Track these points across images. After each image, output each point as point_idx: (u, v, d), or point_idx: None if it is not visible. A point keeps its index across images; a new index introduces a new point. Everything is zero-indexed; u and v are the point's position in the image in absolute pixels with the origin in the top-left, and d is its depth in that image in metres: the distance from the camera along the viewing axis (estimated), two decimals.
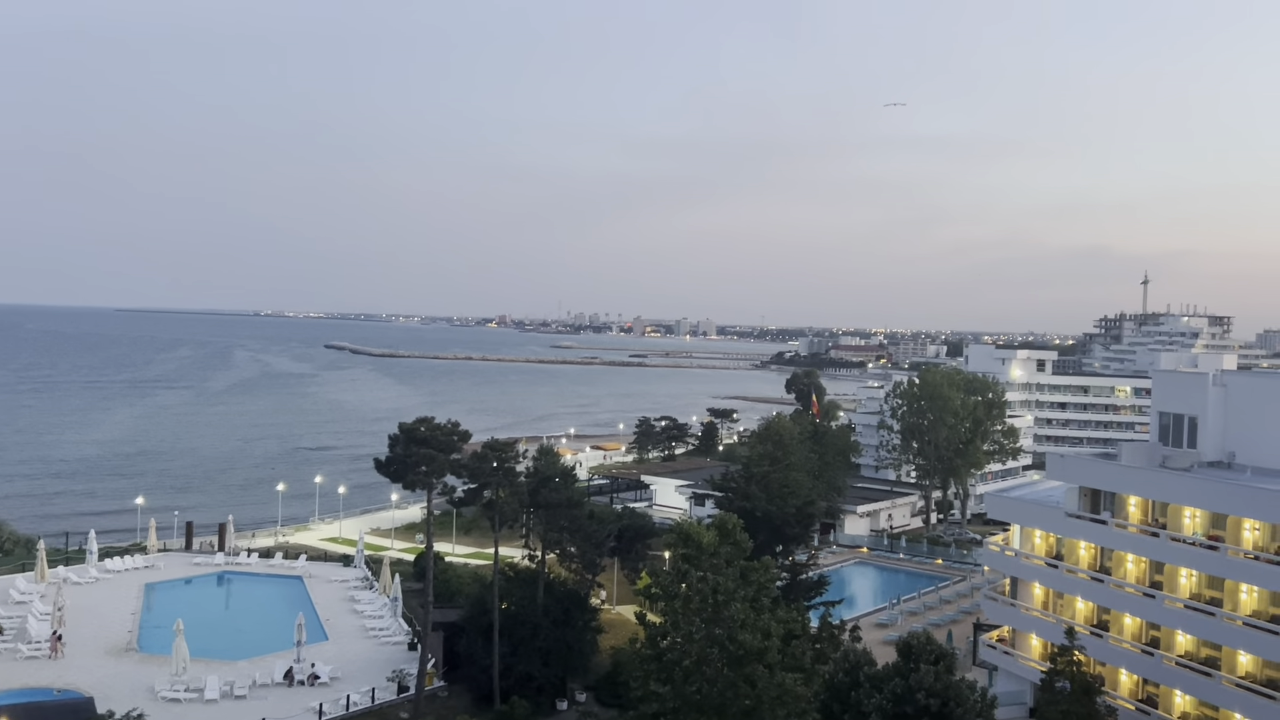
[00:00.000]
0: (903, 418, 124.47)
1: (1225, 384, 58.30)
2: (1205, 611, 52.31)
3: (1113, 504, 57.92)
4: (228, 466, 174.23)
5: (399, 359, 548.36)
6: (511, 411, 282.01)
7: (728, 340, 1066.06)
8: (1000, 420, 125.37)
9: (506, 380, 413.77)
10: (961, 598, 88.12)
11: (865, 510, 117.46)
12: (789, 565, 71.21)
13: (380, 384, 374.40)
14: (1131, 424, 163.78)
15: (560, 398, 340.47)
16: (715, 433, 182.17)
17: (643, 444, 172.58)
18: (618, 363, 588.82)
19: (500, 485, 62.83)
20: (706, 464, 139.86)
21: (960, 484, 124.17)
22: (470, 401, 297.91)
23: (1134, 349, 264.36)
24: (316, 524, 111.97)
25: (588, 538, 69.39)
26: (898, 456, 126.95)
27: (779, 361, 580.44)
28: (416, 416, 61.24)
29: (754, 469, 79.85)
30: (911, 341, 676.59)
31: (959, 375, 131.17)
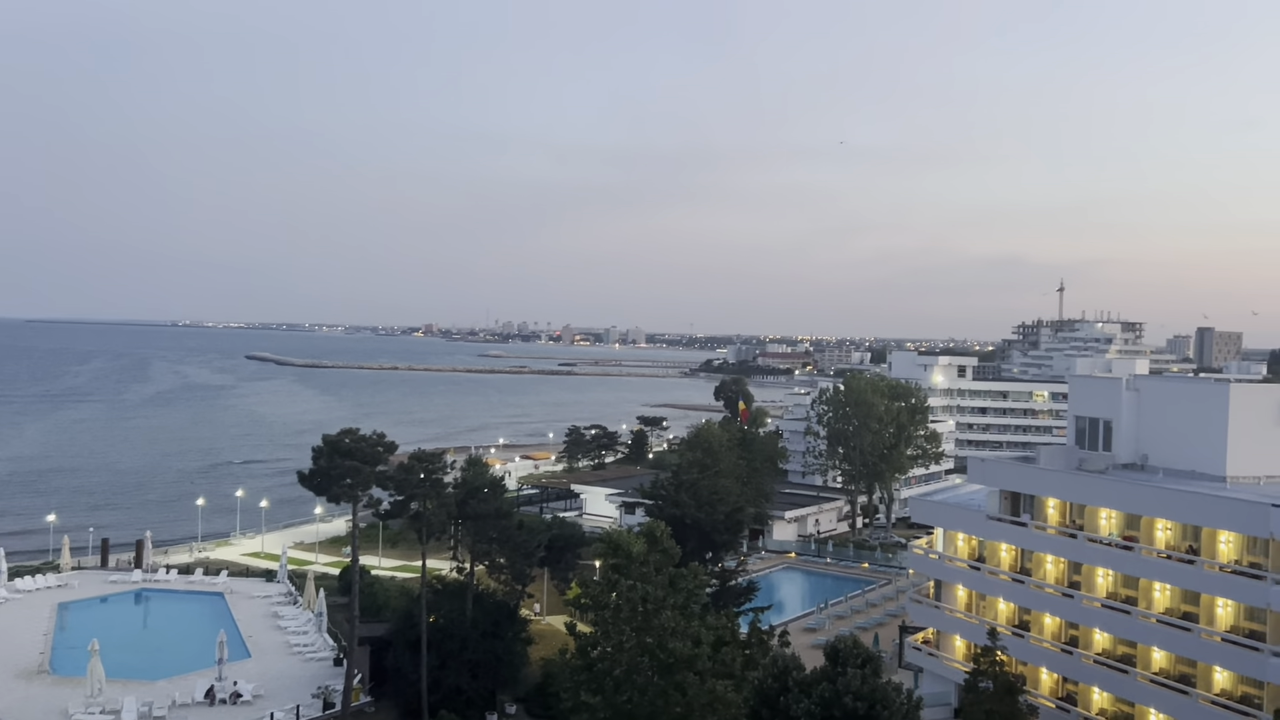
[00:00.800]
0: (829, 424, 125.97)
1: (1138, 389, 60.01)
2: (1121, 610, 53.76)
3: (1032, 506, 59.22)
4: (145, 481, 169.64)
5: (323, 369, 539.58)
6: (439, 422, 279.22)
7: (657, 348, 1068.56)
8: (923, 425, 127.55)
9: (434, 390, 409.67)
10: (888, 601, 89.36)
11: (793, 516, 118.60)
12: (718, 572, 71.57)
13: (304, 395, 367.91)
14: (1049, 428, 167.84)
15: (489, 407, 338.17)
16: (645, 441, 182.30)
17: (572, 453, 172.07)
18: (547, 371, 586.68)
19: (427, 497, 62.12)
20: (636, 472, 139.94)
21: (885, 489, 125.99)
22: (396, 412, 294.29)
23: (1051, 355, 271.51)
24: (238, 539, 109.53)
25: (517, 548, 69.01)
26: (824, 462, 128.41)
27: (707, 369, 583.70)
28: (341, 428, 60.34)
29: (683, 476, 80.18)
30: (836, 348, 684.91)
31: (883, 381, 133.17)
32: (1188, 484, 53.51)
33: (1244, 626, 48.74)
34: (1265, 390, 63.32)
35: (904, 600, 76.23)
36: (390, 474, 61.18)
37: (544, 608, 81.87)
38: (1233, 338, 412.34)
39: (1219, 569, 49.25)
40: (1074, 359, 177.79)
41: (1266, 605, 46.73)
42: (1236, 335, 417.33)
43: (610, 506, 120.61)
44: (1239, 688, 49.02)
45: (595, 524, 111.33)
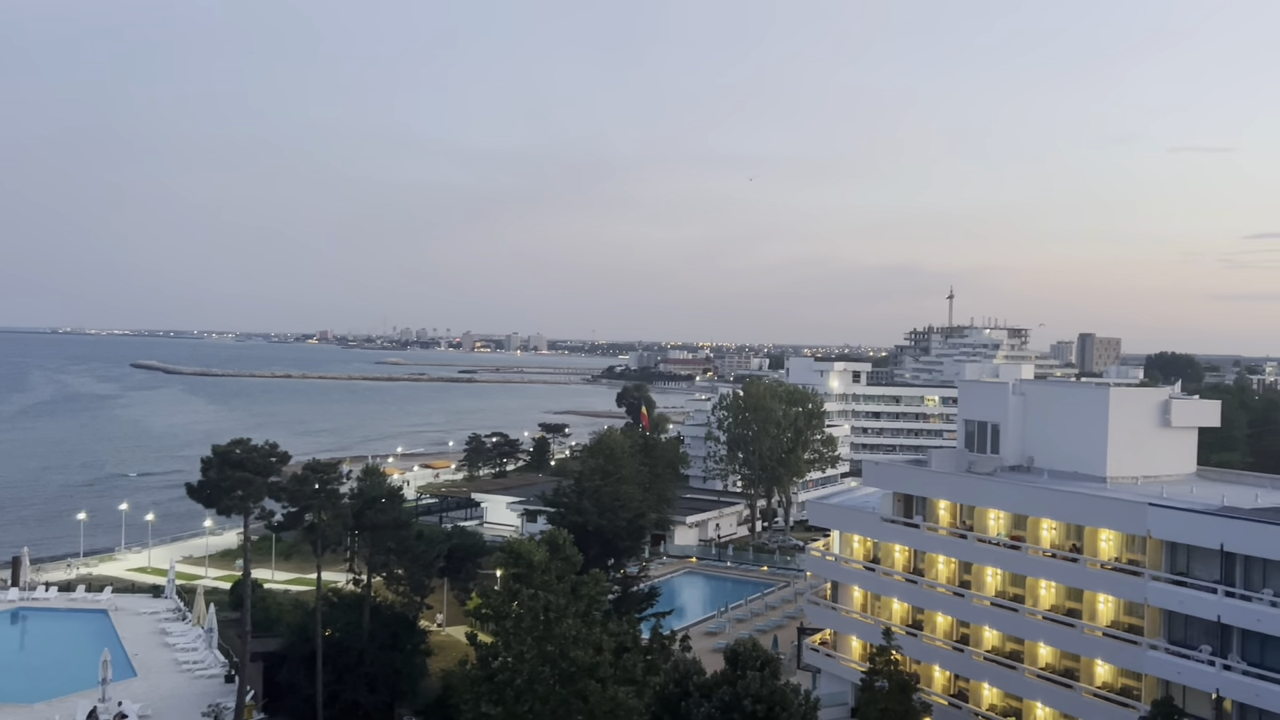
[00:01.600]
0: (729, 429, 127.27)
1: (1024, 393, 62.01)
2: (1009, 608, 55.44)
3: (924, 508, 60.67)
4: (22, 496, 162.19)
5: (213, 378, 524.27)
6: (335, 431, 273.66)
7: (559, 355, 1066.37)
8: (820, 430, 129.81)
9: (329, 399, 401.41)
10: (786, 603, 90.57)
11: (694, 521, 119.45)
12: (620, 578, 71.67)
13: (193, 405, 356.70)
14: (940, 431, 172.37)
15: (387, 416, 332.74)
16: (547, 448, 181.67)
17: (473, 461, 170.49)
18: (447, 379, 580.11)
19: (322, 508, 60.82)
20: (538, 480, 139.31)
21: (784, 492, 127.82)
22: (290, 422, 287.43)
23: (941, 360, 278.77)
24: (123, 554, 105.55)
25: (416, 559, 68.02)
26: (724, 467, 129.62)
27: (610, 376, 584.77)
28: (232, 438, 58.74)
29: (586, 483, 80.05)
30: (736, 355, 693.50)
31: (781, 387, 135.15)
32: (1071, 485, 55.45)
33: (1124, 621, 50.76)
34: (1143, 394, 66.28)
35: (802, 602, 77.29)
36: (284, 485, 59.76)
37: (445, 619, 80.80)
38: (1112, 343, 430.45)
39: (1100, 566, 51.20)
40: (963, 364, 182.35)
41: (1144, 600, 48.75)
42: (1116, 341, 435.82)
43: (512, 515, 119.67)
44: (1119, 680, 51.04)
45: (496, 533, 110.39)
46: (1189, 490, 53.94)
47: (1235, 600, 45.16)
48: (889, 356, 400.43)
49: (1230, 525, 45.68)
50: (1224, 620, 45.46)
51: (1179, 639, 47.84)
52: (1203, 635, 46.73)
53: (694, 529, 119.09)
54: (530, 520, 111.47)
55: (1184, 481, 57.04)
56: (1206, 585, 46.26)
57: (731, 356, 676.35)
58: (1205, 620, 46.35)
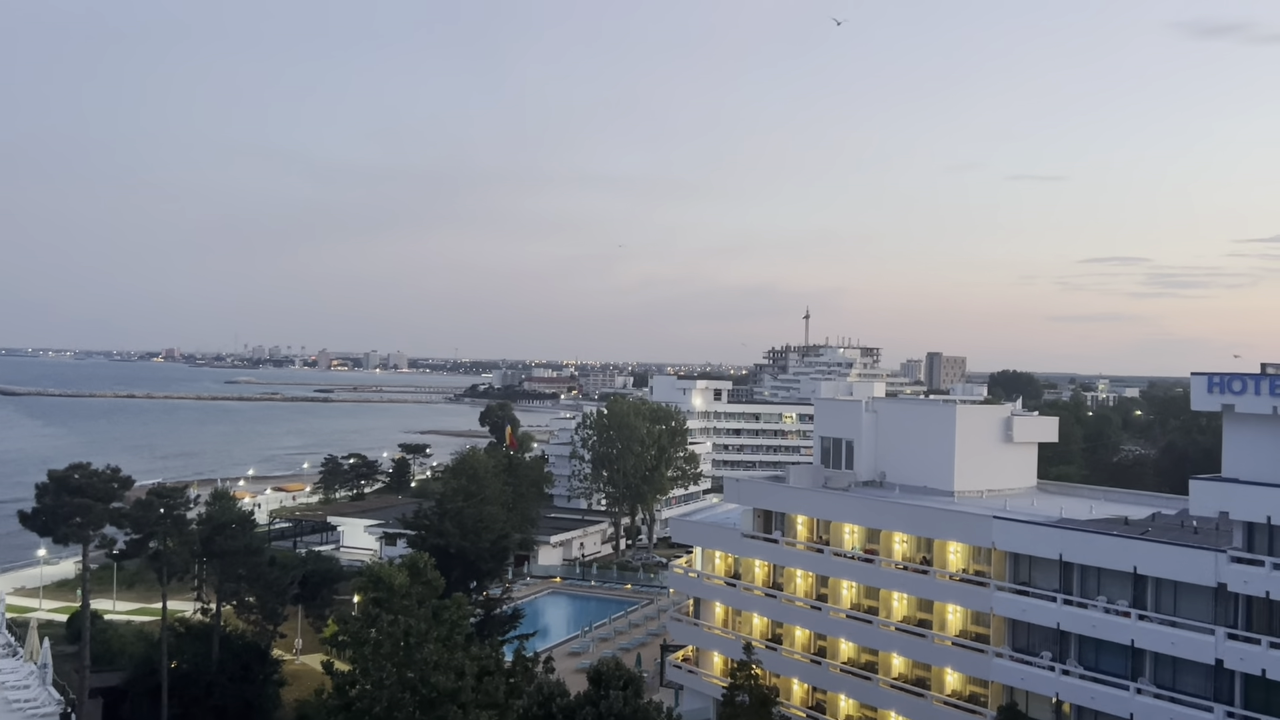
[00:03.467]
0: (593, 447, 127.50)
1: (876, 410, 64.18)
2: (864, 620, 57.17)
3: (783, 524, 62.05)
4: None
5: (48, 398, 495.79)
6: (181, 453, 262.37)
7: (420, 373, 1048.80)
8: (683, 447, 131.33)
9: (175, 420, 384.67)
10: (650, 620, 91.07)
11: (558, 540, 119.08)
12: (483, 601, 70.84)
13: (25, 427, 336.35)
14: (798, 448, 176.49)
15: (237, 437, 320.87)
16: (407, 469, 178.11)
17: (329, 483, 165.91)
18: (301, 398, 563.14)
19: (168, 534, 58.32)
20: (398, 502, 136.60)
21: (647, 510, 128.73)
22: (133, 444, 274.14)
23: (798, 378, 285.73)
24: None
25: (268, 586, 65.88)
26: (589, 485, 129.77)
27: (473, 394, 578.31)
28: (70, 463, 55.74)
29: (447, 504, 78.95)
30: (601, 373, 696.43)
31: (645, 405, 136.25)
32: (921, 499, 57.60)
33: (971, 630, 52.97)
34: (987, 411, 69.47)
35: (665, 619, 77.82)
36: (126, 511, 57.12)
37: (301, 646, 78.28)
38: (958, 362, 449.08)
39: (949, 578, 53.31)
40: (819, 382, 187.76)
41: (990, 610, 50.99)
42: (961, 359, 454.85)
43: (370, 539, 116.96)
44: (968, 687, 53.19)
45: (354, 558, 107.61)
46: (1030, 503, 56.65)
47: (1072, 608, 47.67)
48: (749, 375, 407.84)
49: (1067, 536, 48.25)
50: (1063, 627, 47.94)
51: (1022, 646, 50.20)
52: (1044, 642, 49.14)
53: (558, 548, 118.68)
54: (390, 544, 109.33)
55: (1026, 495, 59.88)
56: (1047, 594, 48.69)
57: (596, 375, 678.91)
58: (1046, 628, 48.78)
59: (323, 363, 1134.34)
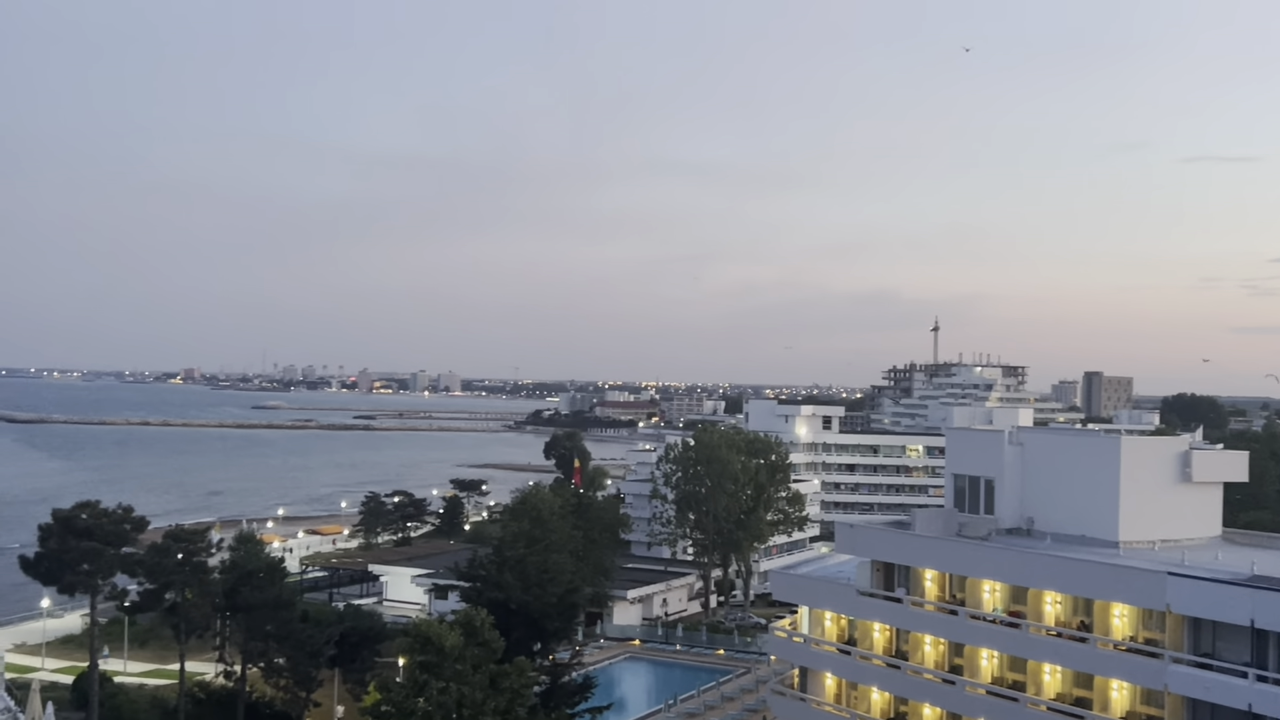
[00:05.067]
0: (677, 485, 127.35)
1: (1022, 443, 62.84)
2: (1008, 697, 55.84)
3: (908, 579, 61.06)
4: None
5: (52, 426, 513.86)
6: (202, 490, 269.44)
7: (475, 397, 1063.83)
8: (785, 485, 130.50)
9: (196, 450, 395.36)
10: (746, 693, 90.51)
11: (636, 595, 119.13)
12: (549, 666, 71.13)
13: (26, 458, 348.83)
14: (925, 487, 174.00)
15: (266, 471, 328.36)
16: (460, 509, 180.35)
17: (370, 526, 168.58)
18: (339, 426, 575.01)
19: (187, 584, 59.88)
20: (450, 548, 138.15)
21: (742, 560, 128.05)
22: (147, 479, 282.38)
23: (926, 403, 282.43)
24: None
25: (300, 646, 67.01)
26: (672, 531, 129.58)
27: (536, 421, 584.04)
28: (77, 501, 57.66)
29: (507, 552, 79.62)
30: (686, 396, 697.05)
31: (739, 435, 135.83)
32: (1078, 551, 56.19)
33: (1140, 711, 51.42)
34: (1159, 444, 67.76)
35: (765, 692, 77.24)
36: (140, 557, 58.88)
37: (334, 716, 79.51)
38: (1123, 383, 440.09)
39: (1113, 647, 51.89)
40: (951, 408, 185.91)
41: (1163, 687, 49.48)
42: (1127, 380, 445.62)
43: (418, 591, 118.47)
44: None
45: (399, 613, 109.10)
46: (1214, 556, 54.88)
47: (1268, 685, 46.02)
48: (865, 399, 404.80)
49: (1261, 597, 46.61)
50: (1256, 709, 46.23)
51: None
52: None
53: (637, 605, 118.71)
54: (440, 597, 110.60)
55: (1208, 546, 58.05)
56: (1236, 668, 47.08)
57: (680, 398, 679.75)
58: (1235, 709, 47.10)
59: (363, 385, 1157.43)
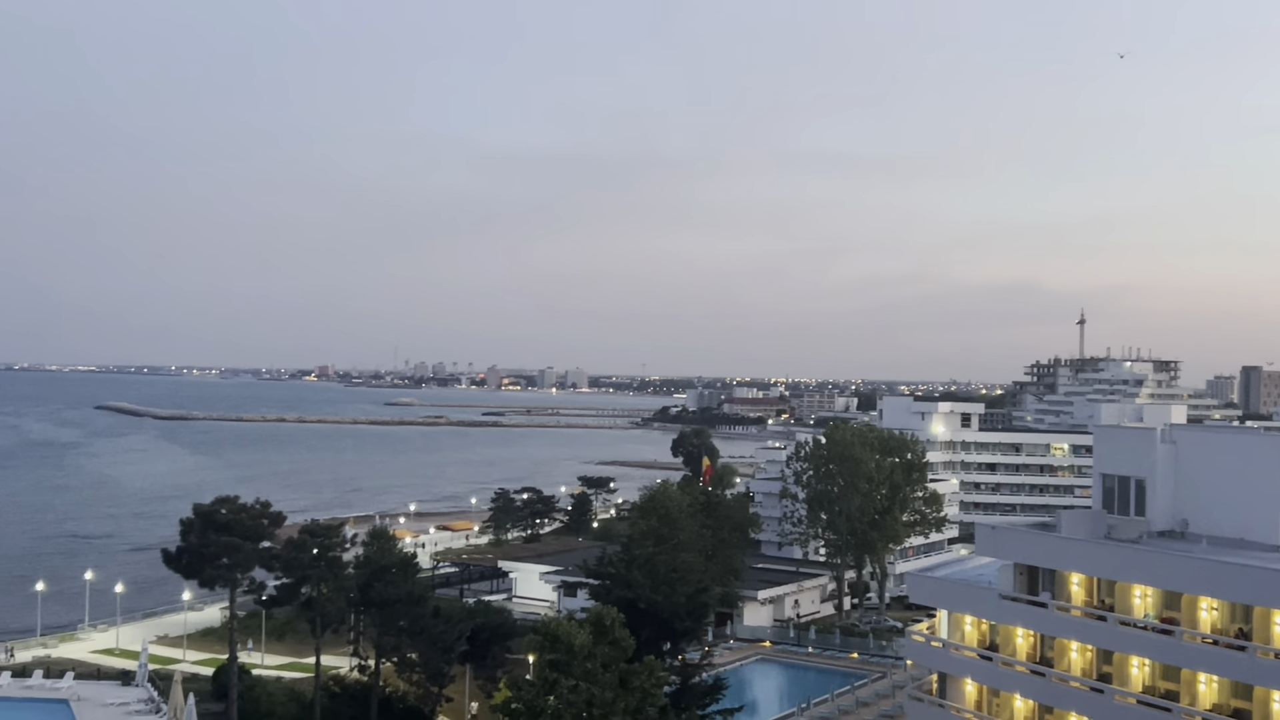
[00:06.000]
0: (809, 484, 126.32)
1: (1175, 441, 60.88)
2: (1160, 708, 54.09)
3: (1053, 583, 59.62)
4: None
5: (192, 422, 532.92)
6: (336, 486, 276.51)
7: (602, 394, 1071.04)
8: (921, 485, 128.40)
9: (330, 447, 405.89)
10: (882, 699, 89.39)
11: (767, 596, 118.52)
12: (679, 666, 71.18)
13: (168, 455, 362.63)
14: (1071, 487, 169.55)
15: (397, 467, 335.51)
16: (588, 506, 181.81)
17: (500, 522, 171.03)
18: (468, 422, 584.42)
19: (322, 579, 61.37)
20: (578, 545, 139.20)
21: (877, 562, 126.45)
22: (284, 475, 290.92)
23: (1071, 399, 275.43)
24: (87, 632, 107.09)
25: (432, 641, 68.18)
26: (804, 530, 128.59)
27: (663, 419, 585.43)
28: (216, 496, 59.58)
29: (636, 550, 79.92)
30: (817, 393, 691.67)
31: (872, 433, 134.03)
32: (1236, 554, 54.23)
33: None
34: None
35: (902, 698, 76.34)
36: (277, 552, 60.51)
37: (466, 712, 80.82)
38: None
39: (1274, 656, 49.87)
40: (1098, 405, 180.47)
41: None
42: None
43: (546, 588, 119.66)
44: None
45: (528, 609, 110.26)
46: None
47: None
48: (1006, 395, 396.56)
49: None
50: None
51: None
52: None
53: (767, 606, 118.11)
54: (569, 594, 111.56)
55: None
56: None
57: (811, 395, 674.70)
58: None
59: (492, 381, 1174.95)
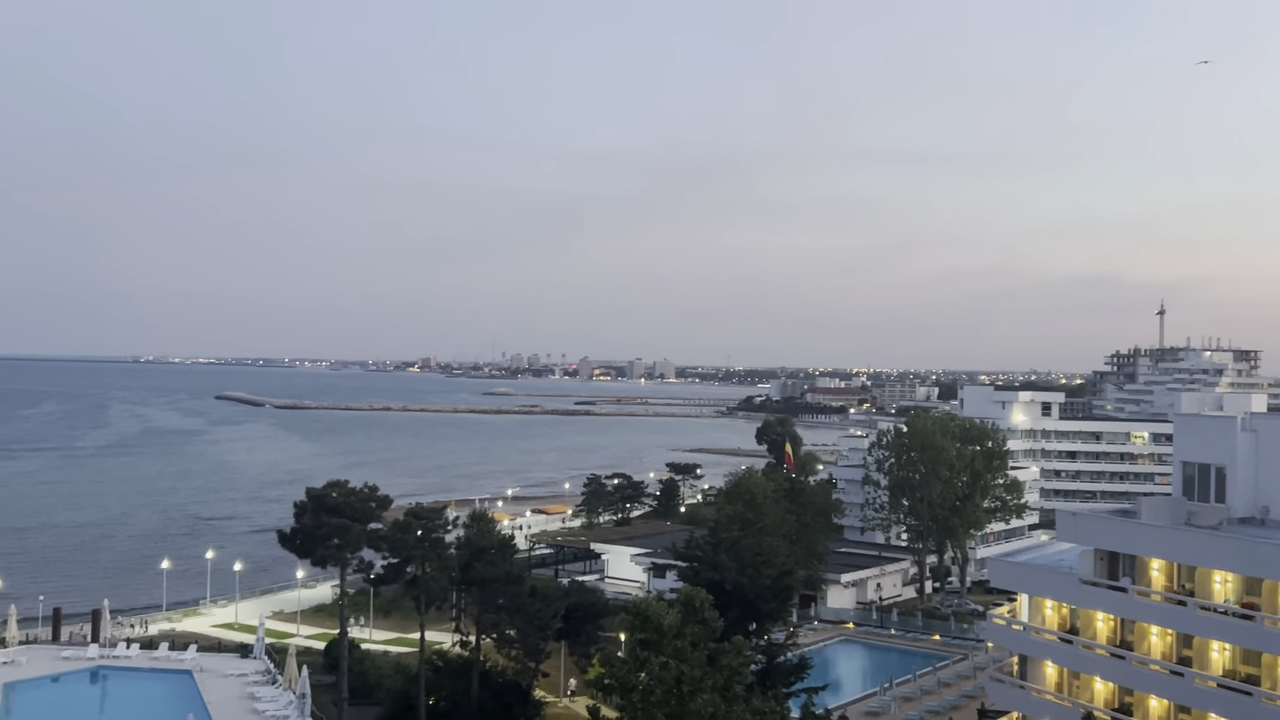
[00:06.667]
0: (890, 471, 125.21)
1: (1256, 429, 59.38)
2: (1241, 691, 52.88)
3: (1133, 568, 58.57)
4: (102, 542, 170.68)
5: (305, 411, 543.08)
6: (439, 471, 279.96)
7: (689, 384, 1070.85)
8: (1002, 473, 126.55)
9: (432, 434, 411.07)
10: (963, 679, 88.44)
11: (850, 579, 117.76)
12: (764, 646, 70.99)
13: (283, 441, 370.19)
14: (1151, 475, 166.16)
15: (495, 453, 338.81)
16: (676, 491, 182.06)
17: (592, 506, 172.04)
18: (562, 411, 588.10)
19: (426, 559, 62.24)
20: (666, 528, 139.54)
21: (958, 547, 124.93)
22: (390, 460, 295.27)
23: (1151, 388, 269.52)
24: (208, 608, 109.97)
25: (530, 619, 68.80)
26: (886, 516, 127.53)
27: (748, 408, 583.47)
28: (327, 480, 60.70)
29: (722, 534, 79.79)
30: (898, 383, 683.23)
31: (953, 421, 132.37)
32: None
33: None
34: None
35: (983, 679, 75.48)
36: (384, 533, 61.43)
37: (561, 687, 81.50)
38: None
39: None
40: (1178, 394, 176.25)
41: None
42: None
43: (636, 569, 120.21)
44: None
45: (619, 589, 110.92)
46: None
47: None
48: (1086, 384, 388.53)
49: None
50: None
51: None
52: None
53: (850, 589, 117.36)
54: (658, 575, 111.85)
55: None
56: None
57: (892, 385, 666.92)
58: None
59: (584, 372, 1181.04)
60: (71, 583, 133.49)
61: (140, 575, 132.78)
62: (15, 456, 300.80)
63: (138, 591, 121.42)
